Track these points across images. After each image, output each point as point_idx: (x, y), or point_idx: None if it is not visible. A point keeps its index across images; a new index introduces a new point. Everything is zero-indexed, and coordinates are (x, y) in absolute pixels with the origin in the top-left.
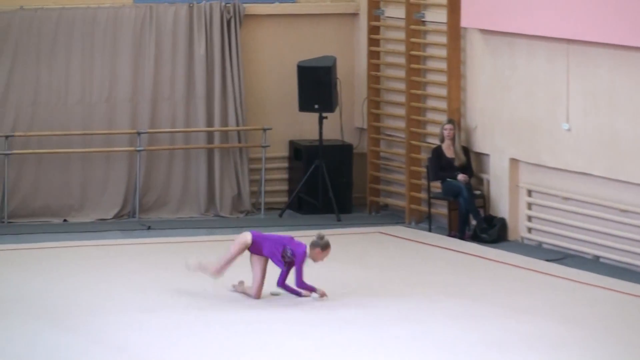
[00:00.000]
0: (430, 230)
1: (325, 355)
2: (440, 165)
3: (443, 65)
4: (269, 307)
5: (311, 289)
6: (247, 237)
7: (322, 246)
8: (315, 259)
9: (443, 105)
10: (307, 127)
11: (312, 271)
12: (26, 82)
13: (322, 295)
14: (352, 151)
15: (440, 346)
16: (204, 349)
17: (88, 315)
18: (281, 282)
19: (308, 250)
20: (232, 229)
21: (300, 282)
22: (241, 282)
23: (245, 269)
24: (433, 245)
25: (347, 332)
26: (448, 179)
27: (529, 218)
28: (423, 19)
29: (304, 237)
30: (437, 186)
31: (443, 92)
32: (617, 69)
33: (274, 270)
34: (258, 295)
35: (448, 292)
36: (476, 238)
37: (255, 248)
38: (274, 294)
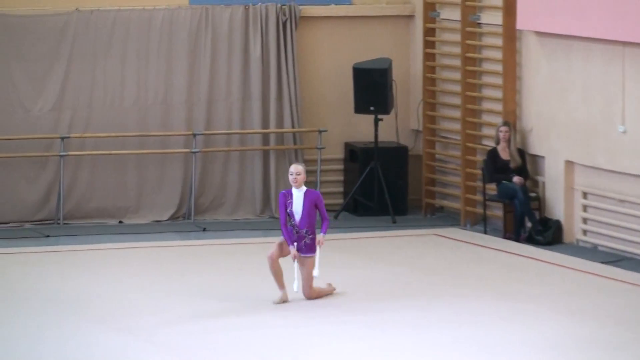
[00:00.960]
0: (485, 232)
1: (379, 358)
2: (495, 167)
3: (498, 68)
4: (317, 309)
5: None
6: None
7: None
8: (293, 184)
9: (498, 107)
10: (362, 129)
11: (366, 273)
12: (82, 84)
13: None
14: (407, 153)
15: (495, 348)
16: (256, 352)
17: (143, 316)
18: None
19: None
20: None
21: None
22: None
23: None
24: (488, 247)
25: (402, 334)
26: (503, 181)
27: (584, 220)
28: (479, 21)
29: (360, 238)
30: (492, 188)
31: (498, 94)
32: None
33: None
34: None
35: (503, 294)
36: (531, 240)
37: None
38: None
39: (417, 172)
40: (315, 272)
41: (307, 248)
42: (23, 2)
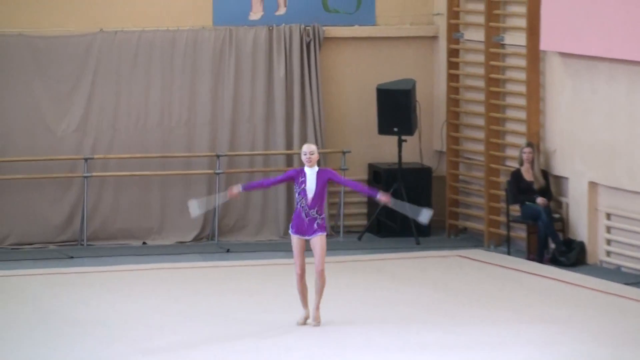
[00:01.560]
0: (509, 253)
1: None
2: (519, 188)
3: (522, 89)
4: (341, 332)
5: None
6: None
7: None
8: (304, 162)
9: (522, 128)
10: (386, 150)
11: (390, 294)
12: (106, 105)
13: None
14: (431, 174)
15: None
16: None
17: (166, 338)
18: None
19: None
20: (311, 252)
21: (355, 185)
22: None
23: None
24: (512, 268)
25: (427, 357)
26: (527, 202)
27: (608, 242)
28: (502, 42)
29: (383, 260)
30: (516, 209)
31: (522, 115)
32: None
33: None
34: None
35: (526, 315)
36: (555, 261)
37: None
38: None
39: (441, 193)
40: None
41: (320, 227)
42: (47, 23)
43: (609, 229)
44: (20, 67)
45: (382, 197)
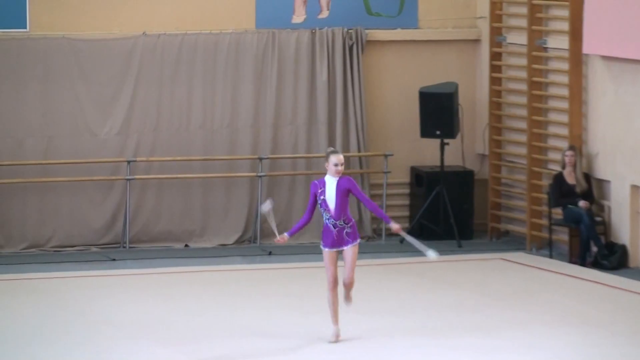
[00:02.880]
0: (551, 256)
1: None
2: (561, 191)
3: (565, 92)
4: (385, 334)
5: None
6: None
7: (327, 156)
8: (332, 173)
9: (564, 131)
10: (428, 153)
11: (433, 297)
12: (148, 108)
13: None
14: (473, 177)
15: None
16: None
17: (208, 340)
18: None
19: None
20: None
21: (369, 204)
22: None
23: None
24: (554, 272)
25: (465, 359)
26: (569, 206)
27: None
28: (545, 46)
29: (425, 262)
30: (558, 213)
31: (564, 118)
32: None
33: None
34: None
35: (569, 319)
36: (597, 265)
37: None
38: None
39: (483, 196)
40: (433, 256)
41: (350, 237)
42: (90, 26)
43: None
44: (64, 70)
45: (394, 226)
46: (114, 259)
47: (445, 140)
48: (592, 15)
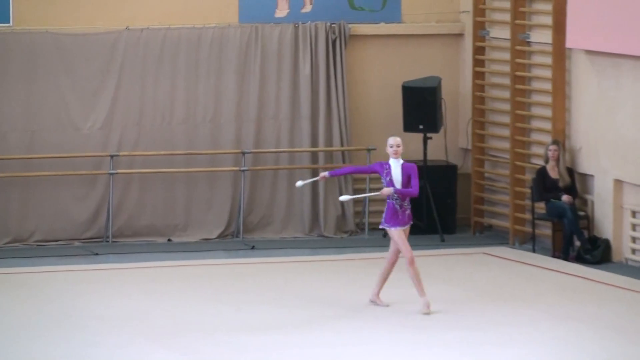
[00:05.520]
0: (534, 251)
1: None
2: (544, 186)
3: (548, 86)
4: (366, 328)
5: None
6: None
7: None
8: (391, 155)
9: (548, 126)
10: (411, 147)
11: (414, 292)
12: (131, 102)
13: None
14: (456, 172)
15: None
16: None
17: (191, 334)
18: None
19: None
20: (336, 249)
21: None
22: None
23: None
24: (537, 266)
25: (449, 354)
26: (552, 200)
27: (633, 239)
28: (528, 40)
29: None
30: (541, 207)
31: (548, 113)
32: None
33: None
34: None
35: (552, 313)
36: (580, 259)
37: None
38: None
39: (466, 190)
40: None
41: (408, 218)
42: (74, 20)
43: (634, 227)
44: (47, 64)
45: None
46: (97, 254)
47: (428, 135)
48: (575, 10)
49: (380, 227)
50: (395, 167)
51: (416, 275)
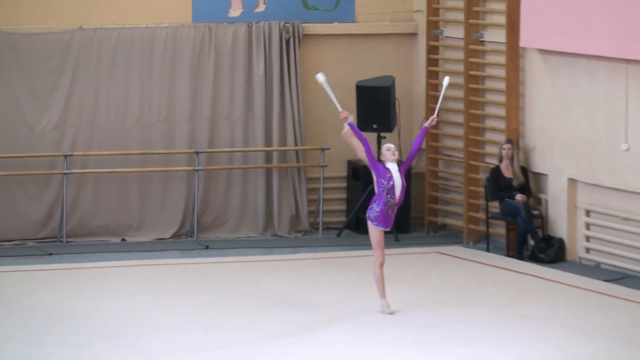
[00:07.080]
0: (488, 250)
1: None
2: (498, 185)
3: (502, 85)
4: (319, 329)
5: None
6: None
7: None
8: (389, 158)
9: (501, 125)
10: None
11: (370, 291)
12: (85, 102)
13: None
14: (410, 171)
15: None
16: None
17: (146, 335)
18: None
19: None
20: (290, 248)
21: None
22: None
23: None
24: (491, 265)
25: (403, 353)
26: (506, 199)
27: (587, 238)
28: (482, 39)
29: (362, 256)
30: (495, 206)
31: (502, 112)
32: None
33: None
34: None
35: (505, 312)
36: (534, 258)
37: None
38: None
39: (420, 190)
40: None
41: (392, 222)
42: (27, 20)
43: (588, 226)
44: (0, 64)
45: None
46: (51, 253)
47: (383, 134)
48: (529, 9)
49: (369, 222)
50: (395, 171)
51: (382, 279)
